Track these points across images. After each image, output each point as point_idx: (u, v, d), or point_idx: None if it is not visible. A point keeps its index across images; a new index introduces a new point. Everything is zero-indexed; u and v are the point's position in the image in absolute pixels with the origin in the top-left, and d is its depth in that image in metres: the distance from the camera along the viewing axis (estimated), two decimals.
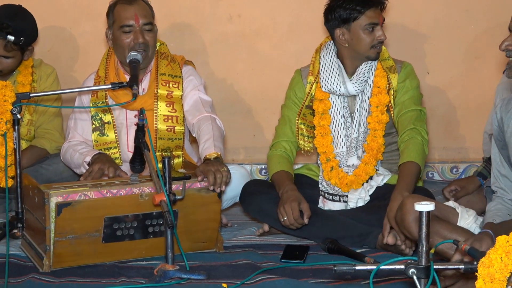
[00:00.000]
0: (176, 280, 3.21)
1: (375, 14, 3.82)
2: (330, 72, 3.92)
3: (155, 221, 3.44)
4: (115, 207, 3.36)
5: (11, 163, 3.54)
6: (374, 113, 3.88)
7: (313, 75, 3.99)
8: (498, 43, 3.13)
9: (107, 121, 4.05)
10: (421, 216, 2.40)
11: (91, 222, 3.33)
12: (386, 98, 3.88)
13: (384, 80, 3.88)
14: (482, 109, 4.88)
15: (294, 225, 3.68)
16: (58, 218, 3.25)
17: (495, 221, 3.03)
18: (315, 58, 4.01)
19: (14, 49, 4.21)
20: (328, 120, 3.94)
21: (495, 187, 3.22)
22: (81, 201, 3.29)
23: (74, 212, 3.27)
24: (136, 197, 3.38)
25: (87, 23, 4.96)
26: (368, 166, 3.85)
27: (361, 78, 3.89)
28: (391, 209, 3.51)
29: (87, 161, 3.89)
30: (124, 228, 3.39)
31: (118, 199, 3.36)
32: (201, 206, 3.50)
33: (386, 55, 3.96)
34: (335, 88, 3.90)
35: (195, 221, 3.51)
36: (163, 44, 4.16)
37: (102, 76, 4.08)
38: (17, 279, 3.24)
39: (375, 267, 2.45)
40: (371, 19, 3.81)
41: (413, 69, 3.98)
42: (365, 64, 3.89)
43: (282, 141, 4.04)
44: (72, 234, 3.31)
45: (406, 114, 3.86)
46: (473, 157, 5.05)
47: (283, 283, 3.15)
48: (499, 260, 2.25)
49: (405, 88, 3.90)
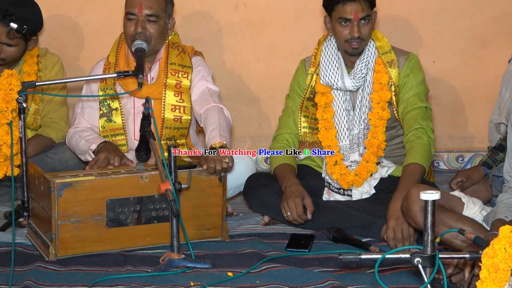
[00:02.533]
0: (181, 268, 3.21)
1: (351, 9, 3.71)
2: (329, 65, 3.88)
3: (158, 205, 3.45)
4: (116, 189, 3.38)
5: (17, 152, 3.55)
6: (375, 109, 3.83)
7: (314, 66, 3.96)
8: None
9: (114, 107, 4.06)
10: (426, 205, 2.39)
11: (93, 205, 3.35)
12: (387, 95, 3.82)
13: (385, 76, 3.82)
14: (488, 98, 4.87)
15: (297, 220, 3.68)
16: (59, 200, 3.27)
17: (507, 218, 3.01)
18: (317, 50, 3.97)
19: (17, 37, 4.19)
20: (331, 113, 3.91)
21: (508, 176, 3.20)
22: (81, 181, 3.32)
23: (75, 194, 3.30)
24: (136, 178, 3.41)
25: (93, 12, 4.95)
26: (369, 164, 3.82)
27: (358, 74, 3.83)
28: (391, 209, 3.50)
29: (93, 149, 3.90)
30: (127, 212, 3.40)
31: (119, 180, 3.39)
32: (203, 190, 3.52)
33: (387, 48, 3.88)
34: (333, 82, 3.86)
35: (198, 206, 3.53)
36: (175, 34, 4.15)
37: (112, 62, 4.09)
38: (23, 267, 3.25)
39: (380, 256, 2.45)
40: (344, 14, 3.72)
41: (418, 61, 3.91)
42: (360, 60, 3.83)
43: (284, 133, 4.02)
44: (75, 217, 3.33)
45: (411, 112, 3.82)
46: (478, 146, 5.04)
47: (289, 272, 3.15)
48: (503, 250, 2.25)
49: (410, 84, 3.84)
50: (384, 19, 4.78)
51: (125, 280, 3.11)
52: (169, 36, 4.10)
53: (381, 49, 3.87)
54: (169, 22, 4.04)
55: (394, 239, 3.45)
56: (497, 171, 3.89)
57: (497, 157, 4.18)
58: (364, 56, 3.84)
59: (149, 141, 3.39)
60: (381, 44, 3.88)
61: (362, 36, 3.75)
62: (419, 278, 2.76)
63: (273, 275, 3.14)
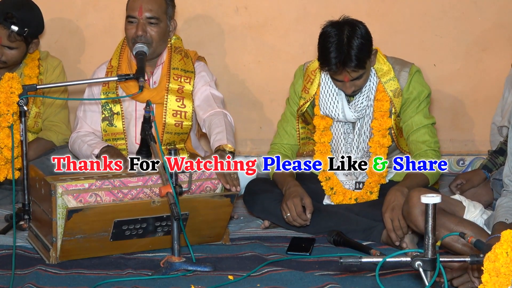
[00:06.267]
0: (182, 272, 3.21)
1: (340, 76, 3.59)
2: (329, 97, 3.79)
3: (165, 222, 3.41)
4: (127, 212, 3.32)
5: (18, 155, 3.55)
6: (375, 137, 3.76)
7: (308, 92, 3.84)
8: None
9: (116, 111, 4.06)
10: (427, 208, 2.40)
11: (101, 225, 3.30)
12: (388, 122, 3.75)
13: (386, 104, 3.73)
14: (489, 102, 4.87)
15: (297, 221, 3.67)
16: (68, 222, 3.22)
17: (507, 221, 3.01)
18: (314, 77, 3.84)
19: (18, 39, 4.19)
20: (329, 137, 3.85)
21: (508, 180, 3.20)
22: (92, 207, 3.26)
23: (85, 217, 3.24)
24: (148, 203, 3.33)
25: (94, 15, 4.96)
26: (373, 195, 3.80)
27: (359, 107, 3.76)
28: (385, 202, 3.50)
29: (95, 154, 3.90)
30: (133, 229, 3.37)
31: (130, 204, 3.32)
32: (212, 209, 3.46)
33: (391, 75, 3.74)
34: (333, 114, 3.79)
35: (205, 222, 3.49)
36: (178, 38, 4.15)
37: (115, 66, 4.09)
38: (24, 270, 3.25)
39: (381, 260, 2.45)
40: (335, 76, 3.63)
41: (420, 75, 3.79)
42: (361, 92, 3.73)
43: (282, 140, 4.00)
44: (81, 234, 3.29)
45: (416, 132, 3.74)
46: (479, 150, 5.04)
47: (289, 275, 3.15)
48: (505, 254, 2.25)
49: (413, 103, 3.74)
50: (385, 23, 4.79)
51: (126, 283, 3.11)
52: (171, 39, 4.10)
53: (383, 77, 3.75)
54: (170, 24, 4.04)
55: (394, 230, 3.44)
56: (498, 174, 3.90)
57: (497, 161, 4.18)
58: (364, 89, 3.75)
59: (150, 145, 3.39)
60: (384, 71, 3.75)
61: (356, 88, 3.67)
62: (420, 282, 2.76)
63: (273, 279, 3.13)
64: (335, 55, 3.52)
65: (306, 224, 3.69)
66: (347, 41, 3.52)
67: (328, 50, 3.53)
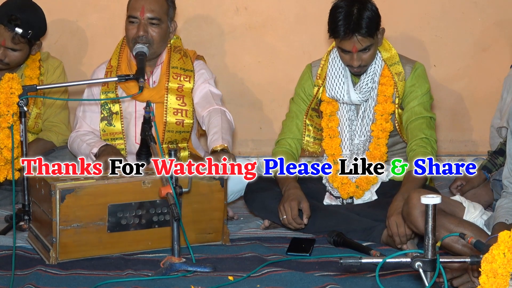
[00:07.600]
0: (182, 272, 3.21)
1: (348, 44, 3.67)
2: (336, 79, 3.87)
3: (159, 210, 3.45)
4: (118, 194, 3.37)
5: (18, 156, 3.55)
6: (378, 121, 3.81)
7: (321, 78, 3.93)
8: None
9: (115, 111, 4.06)
10: (427, 209, 2.40)
11: (95, 210, 3.34)
12: (391, 107, 3.81)
13: (390, 89, 3.80)
14: (489, 102, 4.87)
15: (292, 224, 3.67)
16: (62, 205, 3.26)
17: (507, 221, 3.01)
18: (325, 61, 3.94)
19: (22, 42, 4.19)
20: (336, 122, 3.90)
21: (507, 182, 3.20)
22: (83, 187, 3.31)
23: (78, 199, 3.29)
24: (139, 183, 3.40)
25: (94, 15, 4.96)
26: (370, 176, 3.83)
27: (364, 88, 3.82)
28: (392, 207, 3.50)
29: (94, 153, 3.90)
30: (129, 217, 3.40)
31: (121, 185, 3.38)
32: (204, 195, 3.52)
33: (395, 59, 3.84)
34: (339, 95, 3.85)
35: (200, 210, 3.52)
36: (177, 38, 4.15)
37: (114, 66, 4.09)
38: (24, 271, 3.25)
39: (381, 260, 2.45)
40: (343, 46, 3.70)
41: (424, 71, 3.86)
42: (366, 74, 3.81)
43: (287, 138, 4.01)
44: (76, 222, 3.32)
45: (415, 121, 3.79)
46: (479, 150, 5.04)
47: (289, 276, 3.15)
48: (502, 255, 2.25)
49: (415, 93, 3.81)
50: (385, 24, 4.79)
51: (126, 284, 3.11)
52: (171, 40, 4.10)
53: (389, 61, 3.83)
54: (171, 26, 4.04)
55: (398, 235, 3.44)
56: (498, 175, 3.90)
57: (496, 161, 4.18)
58: (370, 70, 3.82)
59: (150, 145, 3.40)
60: (389, 56, 3.85)
61: (362, 63, 3.74)
62: (420, 282, 2.76)
63: (273, 279, 3.13)
64: (345, 22, 3.66)
65: (301, 227, 3.69)
66: (357, 12, 3.66)
67: (337, 18, 3.67)
